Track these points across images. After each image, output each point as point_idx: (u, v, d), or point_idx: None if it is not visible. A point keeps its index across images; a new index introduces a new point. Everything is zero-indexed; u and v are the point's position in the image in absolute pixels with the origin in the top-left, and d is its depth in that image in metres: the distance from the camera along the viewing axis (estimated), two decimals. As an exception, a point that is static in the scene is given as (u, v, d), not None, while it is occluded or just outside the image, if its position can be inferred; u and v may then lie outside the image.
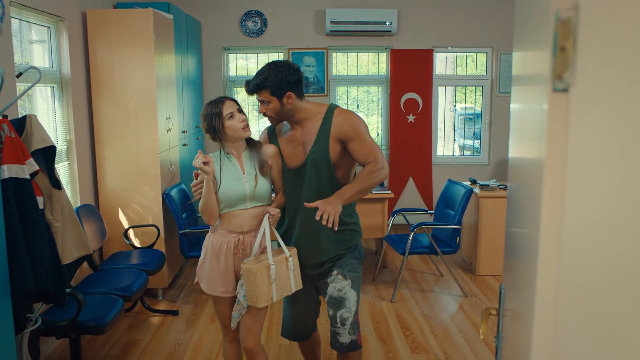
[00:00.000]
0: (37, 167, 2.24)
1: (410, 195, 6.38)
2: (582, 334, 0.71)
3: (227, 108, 2.35)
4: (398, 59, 6.16)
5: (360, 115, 6.43)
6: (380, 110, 6.41)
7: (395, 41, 6.16)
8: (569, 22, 0.67)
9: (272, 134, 2.53)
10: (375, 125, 6.44)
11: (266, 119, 2.40)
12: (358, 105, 6.45)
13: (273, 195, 2.51)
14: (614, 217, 0.65)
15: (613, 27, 0.60)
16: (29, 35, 3.56)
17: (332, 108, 2.41)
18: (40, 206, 2.28)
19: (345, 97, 6.40)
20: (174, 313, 4.01)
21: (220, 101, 2.38)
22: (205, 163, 2.28)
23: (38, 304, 2.65)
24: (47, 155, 2.42)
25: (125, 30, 4.03)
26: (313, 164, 2.36)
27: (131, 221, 4.19)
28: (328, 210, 2.19)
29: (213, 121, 2.34)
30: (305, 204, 2.24)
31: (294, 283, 2.42)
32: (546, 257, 0.78)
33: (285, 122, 2.47)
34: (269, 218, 2.34)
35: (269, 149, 2.46)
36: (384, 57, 6.29)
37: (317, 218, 2.17)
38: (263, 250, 2.40)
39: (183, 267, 5.01)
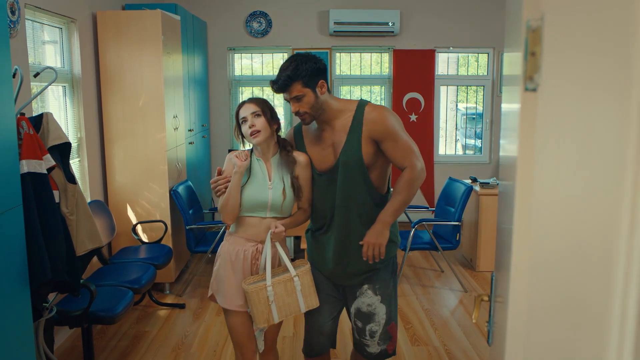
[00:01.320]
0: (53, 163, 2.35)
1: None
2: (552, 313, 0.80)
3: (243, 111, 2.23)
4: (400, 59, 6.25)
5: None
6: (382, 110, 6.51)
7: (398, 42, 6.25)
8: (538, 31, 0.78)
9: (298, 135, 2.37)
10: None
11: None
12: (361, 104, 6.55)
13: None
14: (574, 207, 0.74)
15: (572, 35, 0.71)
16: (41, 36, 3.67)
17: (362, 104, 2.22)
18: (56, 200, 2.40)
19: (348, 97, 6.50)
20: (181, 306, 4.12)
21: (241, 104, 2.27)
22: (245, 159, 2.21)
23: (52, 294, 2.76)
24: (62, 151, 2.54)
25: (134, 31, 4.14)
26: (345, 167, 2.19)
27: (139, 217, 4.30)
28: (372, 243, 2.16)
29: (236, 122, 2.27)
30: (360, 242, 2.19)
31: (305, 302, 2.27)
32: (519, 246, 0.88)
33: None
34: (271, 235, 2.22)
35: (300, 158, 2.29)
36: (386, 57, 6.39)
37: (365, 258, 2.16)
38: (277, 265, 2.31)
39: (189, 262, 5.13)
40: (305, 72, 2.12)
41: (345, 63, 6.44)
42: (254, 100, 2.25)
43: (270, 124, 2.22)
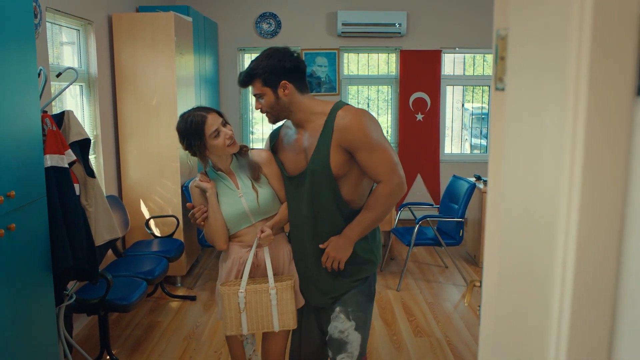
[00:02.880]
0: (74, 157, 2.50)
1: (418, 191, 6.59)
2: (518, 296, 0.91)
3: (211, 125, 2.01)
4: (407, 59, 6.37)
5: (371, 113, 6.66)
6: (389, 109, 6.63)
7: (405, 42, 6.37)
8: (506, 38, 0.90)
9: (274, 137, 2.25)
10: (385, 123, 6.65)
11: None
12: (369, 104, 6.67)
13: None
14: (530, 199, 0.85)
15: (532, 42, 0.83)
16: (60, 38, 3.83)
17: (337, 107, 2.01)
18: (77, 192, 2.54)
19: (356, 97, 6.63)
20: (192, 298, 4.27)
21: (201, 115, 2.02)
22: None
23: (72, 282, 2.91)
24: (82, 146, 2.69)
25: (148, 32, 4.29)
26: (313, 175, 2.02)
27: (152, 212, 4.46)
28: (332, 256, 2.02)
29: (193, 141, 2.00)
30: (320, 245, 2.05)
31: (278, 320, 2.07)
32: (490, 239, 1.00)
33: (290, 124, 2.16)
34: (259, 240, 2.08)
35: (260, 155, 2.16)
36: (393, 58, 6.51)
37: (324, 264, 2.05)
38: (263, 274, 2.17)
39: (200, 256, 5.28)
40: (263, 70, 1.97)
41: (353, 63, 6.56)
42: (213, 110, 2.08)
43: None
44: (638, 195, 0.71)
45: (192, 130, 2.00)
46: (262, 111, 2.08)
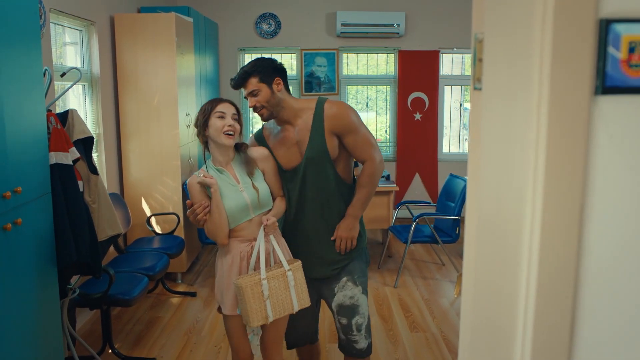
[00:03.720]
0: (78, 155, 2.57)
1: (417, 190, 6.66)
2: (492, 281, 0.98)
3: (222, 107, 2.21)
4: (405, 59, 6.43)
5: (370, 113, 6.75)
6: (388, 109, 6.70)
7: (403, 43, 6.44)
8: (482, 41, 0.97)
9: (260, 139, 2.40)
10: (384, 123, 6.72)
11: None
12: (367, 103, 6.74)
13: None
14: (501, 193, 0.92)
15: (504, 45, 0.90)
16: (63, 38, 3.90)
17: (321, 101, 2.29)
18: (80, 189, 2.61)
19: (355, 96, 6.70)
20: (192, 294, 4.34)
21: (220, 99, 2.25)
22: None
23: (75, 277, 2.98)
24: (86, 144, 2.76)
25: (150, 33, 4.36)
26: (312, 163, 2.26)
27: (153, 209, 4.53)
28: (345, 237, 2.29)
29: (202, 114, 2.19)
30: (332, 238, 2.30)
31: (297, 300, 2.22)
32: (469, 229, 1.07)
33: (273, 125, 2.37)
34: (264, 228, 2.19)
35: (258, 151, 2.31)
36: (392, 58, 6.58)
37: (338, 250, 2.29)
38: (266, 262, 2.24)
39: (200, 254, 5.35)
40: (261, 68, 2.21)
41: (352, 63, 6.63)
42: (233, 103, 2.26)
43: (241, 130, 2.25)
44: (597, 184, 0.78)
45: (207, 106, 2.21)
46: (256, 108, 2.25)
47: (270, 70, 2.23)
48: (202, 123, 2.19)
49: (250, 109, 2.28)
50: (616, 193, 0.77)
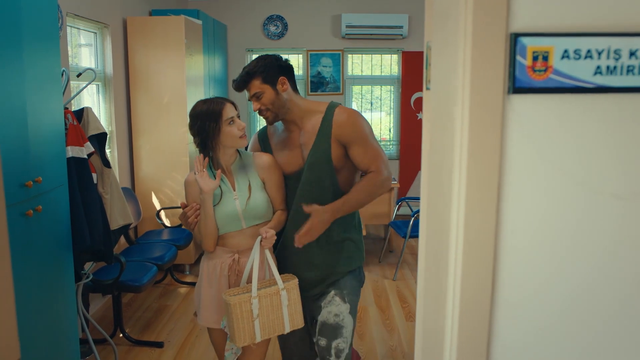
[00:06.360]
0: (92, 149, 2.78)
1: (419, 187, 6.80)
2: (435, 261, 1.16)
3: (229, 111, 2.04)
4: (409, 60, 6.60)
5: (374, 112, 6.93)
6: (391, 108, 6.88)
7: (406, 44, 6.60)
8: (431, 49, 1.16)
9: (263, 138, 2.26)
10: (387, 122, 6.90)
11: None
12: (372, 103, 6.92)
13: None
14: (444, 180, 1.10)
15: (443, 52, 1.08)
16: (78, 40, 4.13)
17: (333, 106, 2.12)
18: (94, 181, 2.82)
19: (359, 96, 6.88)
20: (199, 285, 4.55)
21: (220, 102, 2.06)
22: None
23: (89, 264, 3.20)
24: (99, 140, 2.97)
25: (160, 34, 4.58)
26: (312, 169, 2.09)
27: (163, 203, 4.74)
28: (316, 227, 1.97)
29: (208, 123, 1.99)
30: (304, 206, 1.99)
31: (290, 321, 2.03)
32: (422, 217, 1.25)
33: (278, 124, 2.22)
34: (261, 241, 2.00)
35: (262, 159, 2.14)
36: (395, 59, 6.75)
37: (303, 235, 1.98)
38: (264, 277, 2.09)
39: (208, 247, 5.56)
40: (263, 68, 2.05)
41: (356, 64, 6.81)
42: (232, 102, 2.11)
43: None
44: (511, 164, 0.96)
45: (211, 112, 2.00)
46: (261, 111, 2.10)
47: (274, 70, 2.07)
48: (214, 133, 2.01)
49: (256, 111, 2.13)
50: (526, 170, 0.95)
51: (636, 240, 0.99)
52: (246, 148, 2.20)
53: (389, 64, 6.82)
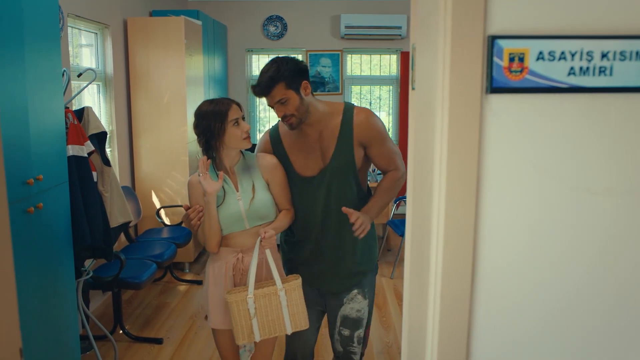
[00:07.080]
0: (92, 148, 2.83)
1: (418, 187, 6.86)
2: (419, 256, 1.21)
3: (234, 113, 2.04)
4: (408, 61, 6.64)
5: (375, 111, 6.96)
6: (390, 108, 6.93)
7: (405, 44, 6.64)
8: (415, 51, 1.20)
9: (276, 141, 2.22)
10: (387, 122, 6.94)
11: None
12: (371, 102, 6.97)
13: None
14: (427, 177, 1.14)
15: (425, 54, 1.13)
16: (79, 40, 4.18)
17: (350, 108, 2.14)
18: (95, 179, 2.87)
19: (359, 96, 6.93)
20: (198, 283, 4.60)
21: (227, 103, 2.05)
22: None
23: (89, 261, 3.24)
24: (100, 139, 3.02)
25: (160, 35, 4.63)
26: (335, 172, 2.11)
27: (162, 202, 4.80)
28: (363, 221, 2.02)
29: (213, 123, 2.00)
30: (344, 208, 2.02)
31: (292, 322, 2.06)
32: (408, 212, 1.29)
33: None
34: (261, 241, 2.03)
35: (266, 160, 2.15)
36: (394, 59, 6.80)
37: (353, 222, 2.01)
38: (266, 277, 2.12)
39: (207, 246, 5.61)
40: (287, 73, 2.00)
41: (355, 64, 6.86)
42: (238, 103, 2.10)
43: None
44: (488, 158, 1.00)
45: (217, 112, 2.01)
46: (285, 117, 2.05)
47: (296, 74, 2.03)
48: (219, 134, 2.02)
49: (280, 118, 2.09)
50: (503, 166, 1.00)
51: (613, 234, 1.04)
52: (253, 147, 2.21)
53: (388, 64, 6.87)
